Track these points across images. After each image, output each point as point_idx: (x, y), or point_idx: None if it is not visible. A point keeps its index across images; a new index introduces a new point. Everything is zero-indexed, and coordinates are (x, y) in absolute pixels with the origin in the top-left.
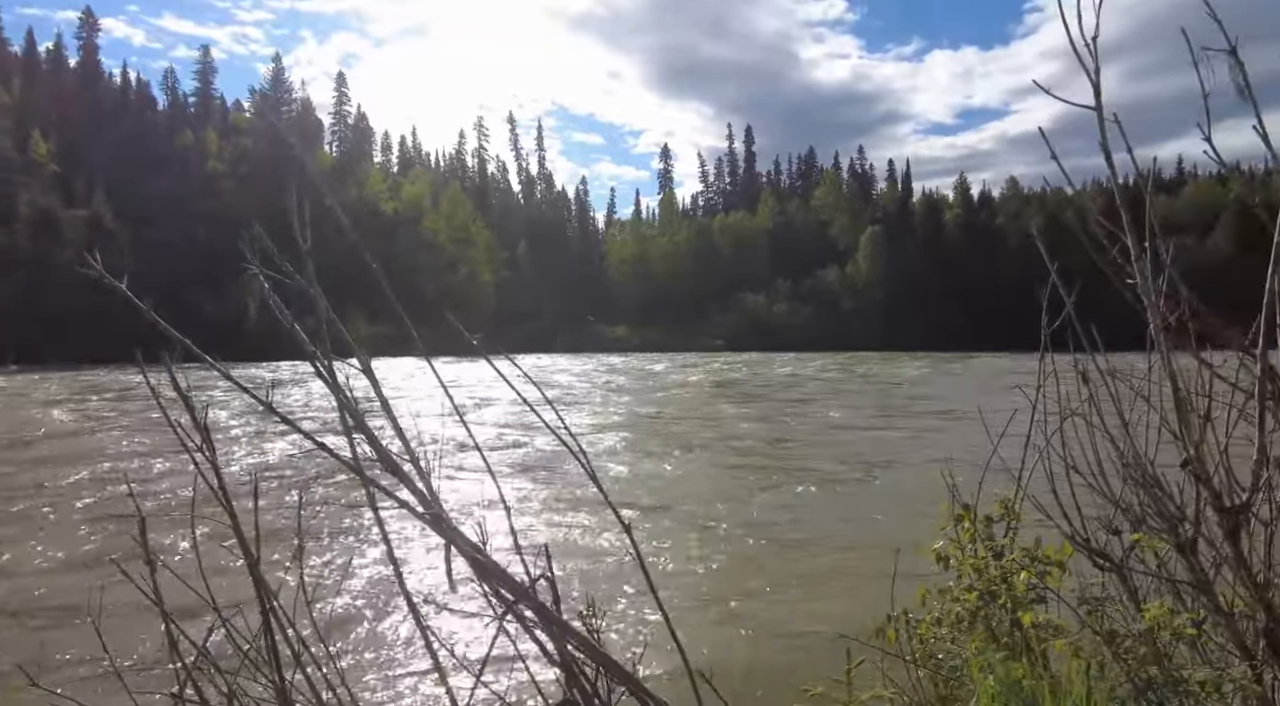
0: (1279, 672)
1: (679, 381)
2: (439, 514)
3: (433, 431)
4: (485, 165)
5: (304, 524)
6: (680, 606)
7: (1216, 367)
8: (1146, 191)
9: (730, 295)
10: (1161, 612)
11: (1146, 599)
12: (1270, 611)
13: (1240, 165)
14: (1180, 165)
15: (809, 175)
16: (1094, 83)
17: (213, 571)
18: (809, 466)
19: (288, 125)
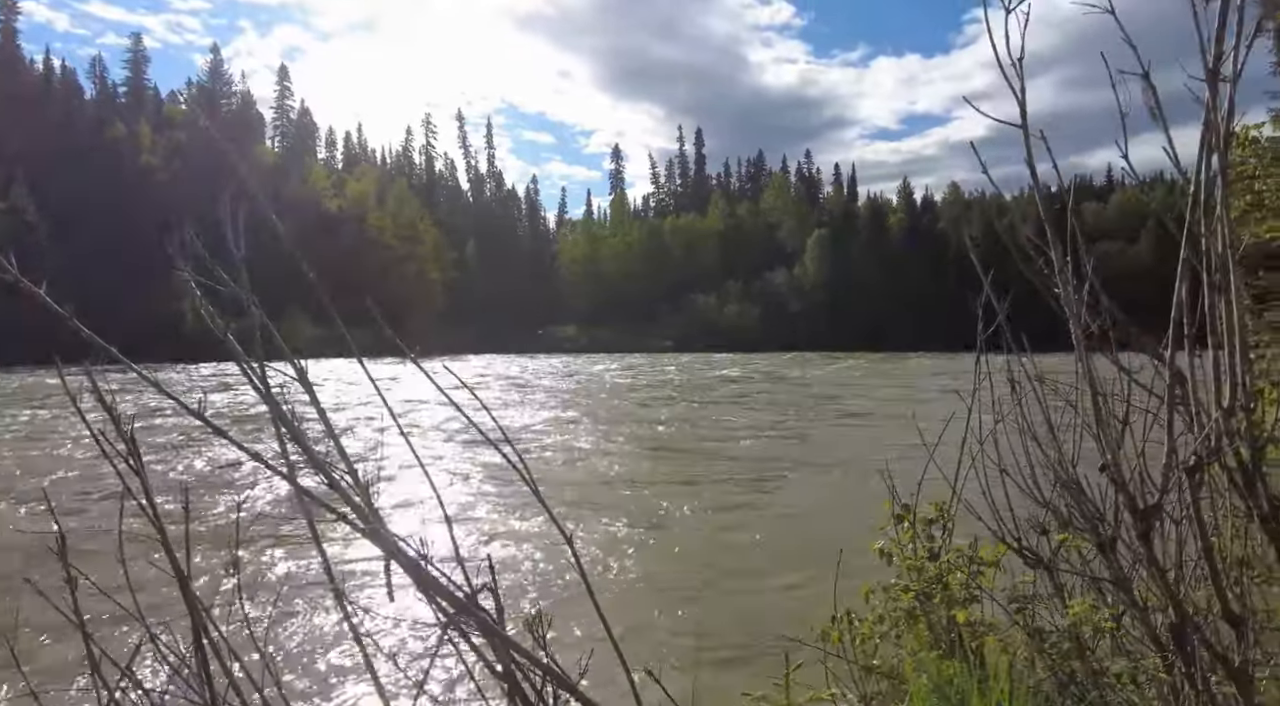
0: (1184, 664)
1: (613, 383)
2: (376, 527)
3: (377, 437)
4: (433, 162)
5: (241, 535)
6: (628, 608)
7: (1135, 373)
8: (1068, 204)
9: (681, 296)
10: (1084, 608)
11: (1073, 596)
12: (1178, 607)
13: (1164, 174)
14: (1109, 173)
15: (758, 178)
16: (1020, 101)
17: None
18: (747, 466)
19: (226, 120)
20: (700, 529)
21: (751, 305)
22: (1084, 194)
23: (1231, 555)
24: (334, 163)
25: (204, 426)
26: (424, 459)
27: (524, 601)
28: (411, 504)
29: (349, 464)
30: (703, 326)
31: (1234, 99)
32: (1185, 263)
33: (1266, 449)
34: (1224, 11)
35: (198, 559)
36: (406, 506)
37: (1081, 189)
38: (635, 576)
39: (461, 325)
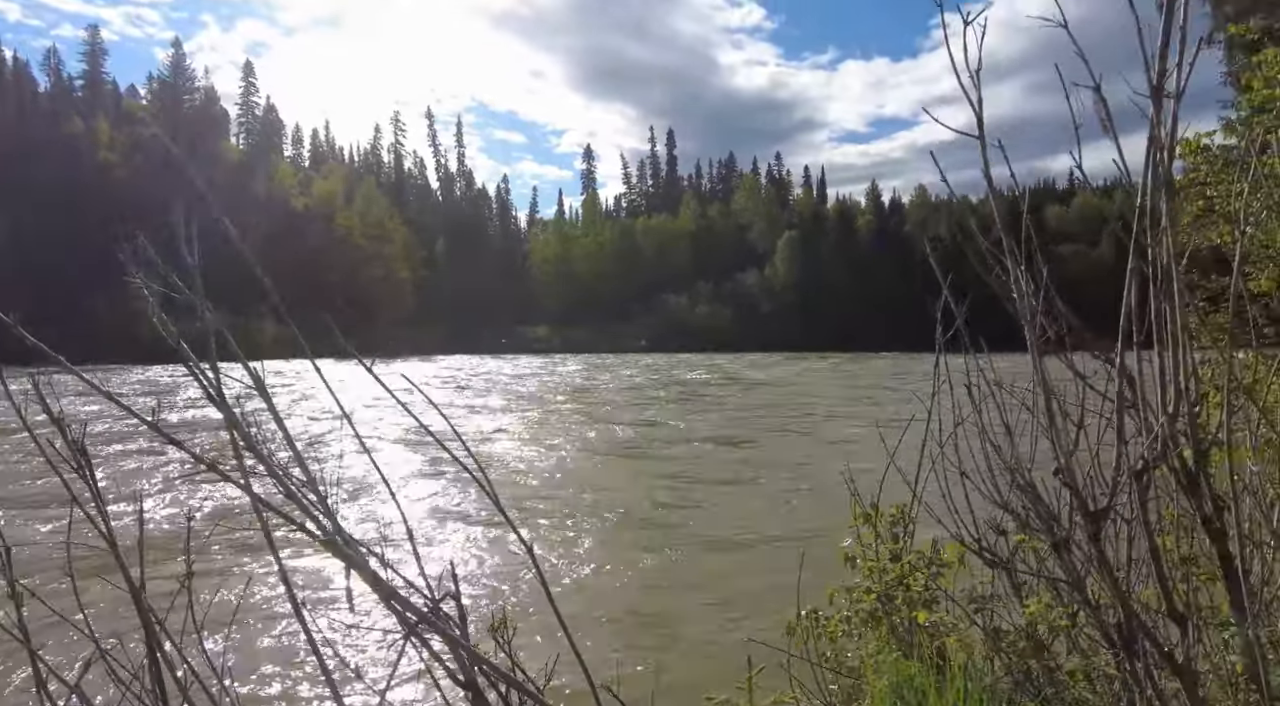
0: (1133, 661)
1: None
2: (334, 538)
3: (345, 441)
4: (402, 161)
5: (197, 545)
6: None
7: (1090, 377)
8: (1023, 213)
9: (653, 296)
10: (1039, 608)
11: (1031, 596)
12: (1126, 606)
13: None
14: (1071, 177)
15: (729, 179)
16: (977, 113)
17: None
18: (710, 468)
19: (188, 116)
20: (664, 532)
21: (723, 306)
22: (1047, 197)
23: (1178, 554)
24: (301, 161)
25: (176, 426)
26: (390, 463)
27: (491, 606)
28: (374, 510)
29: (307, 472)
30: (675, 327)
31: (1177, 115)
32: (1133, 271)
33: (1210, 451)
34: (1167, 31)
35: (152, 571)
36: (370, 512)
37: (1045, 192)
38: (600, 579)
39: (431, 325)
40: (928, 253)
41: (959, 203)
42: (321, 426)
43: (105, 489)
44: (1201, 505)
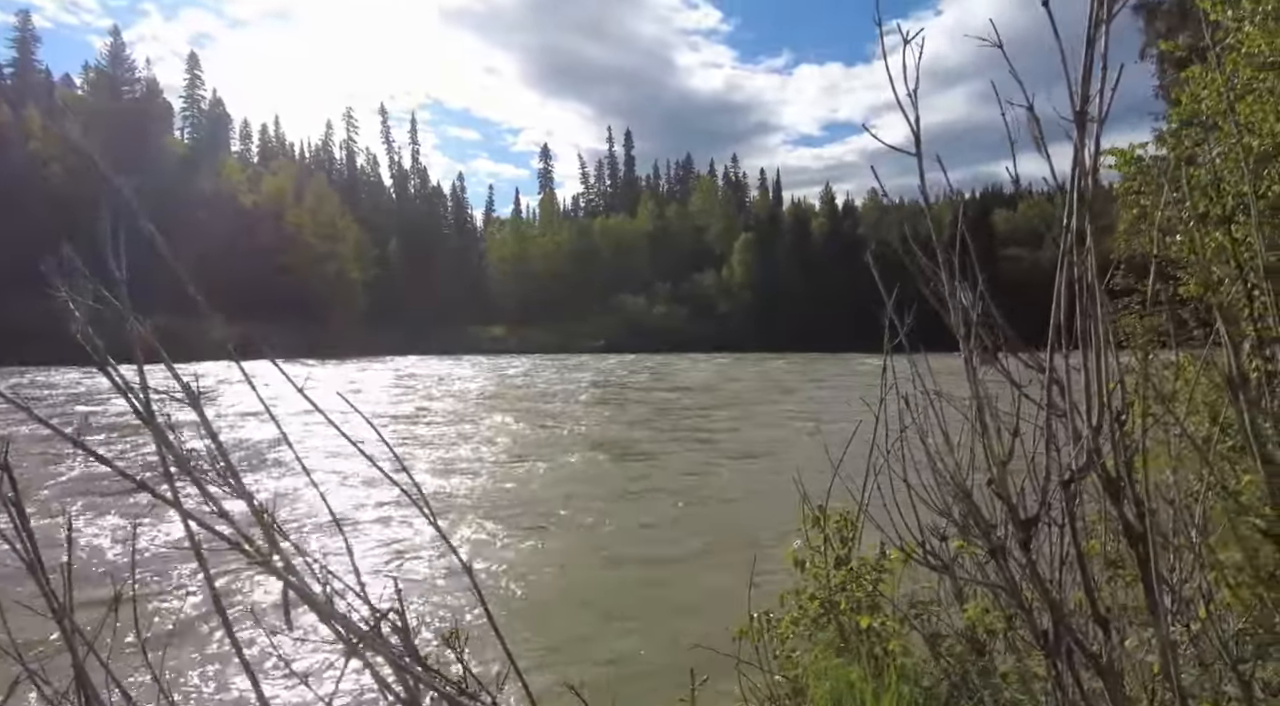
0: (1059, 663)
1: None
2: (269, 558)
3: (284, 451)
4: (354, 158)
5: (131, 560)
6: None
7: (1025, 387)
8: (959, 226)
9: (611, 297)
10: (976, 612)
11: (970, 600)
12: (1054, 610)
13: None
14: (1016, 182)
15: (686, 180)
16: (914, 132)
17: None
18: (666, 470)
19: (128, 108)
20: (612, 540)
21: (680, 306)
22: (994, 201)
23: (1104, 557)
24: (250, 156)
25: (103, 433)
26: (339, 471)
27: (440, 618)
28: (319, 522)
29: (241, 487)
30: (633, 327)
31: (1099, 139)
32: (1060, 286)
33: (1134, 460)
34: (1089, 59)
35: (85, 593)
36: (315, 525)
37: (992, 197)
38: (545, 588)
39: (384, 325)
40: (869, 262)
41: (910, 206)
42: (269, 432)
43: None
44: (1122, 515)
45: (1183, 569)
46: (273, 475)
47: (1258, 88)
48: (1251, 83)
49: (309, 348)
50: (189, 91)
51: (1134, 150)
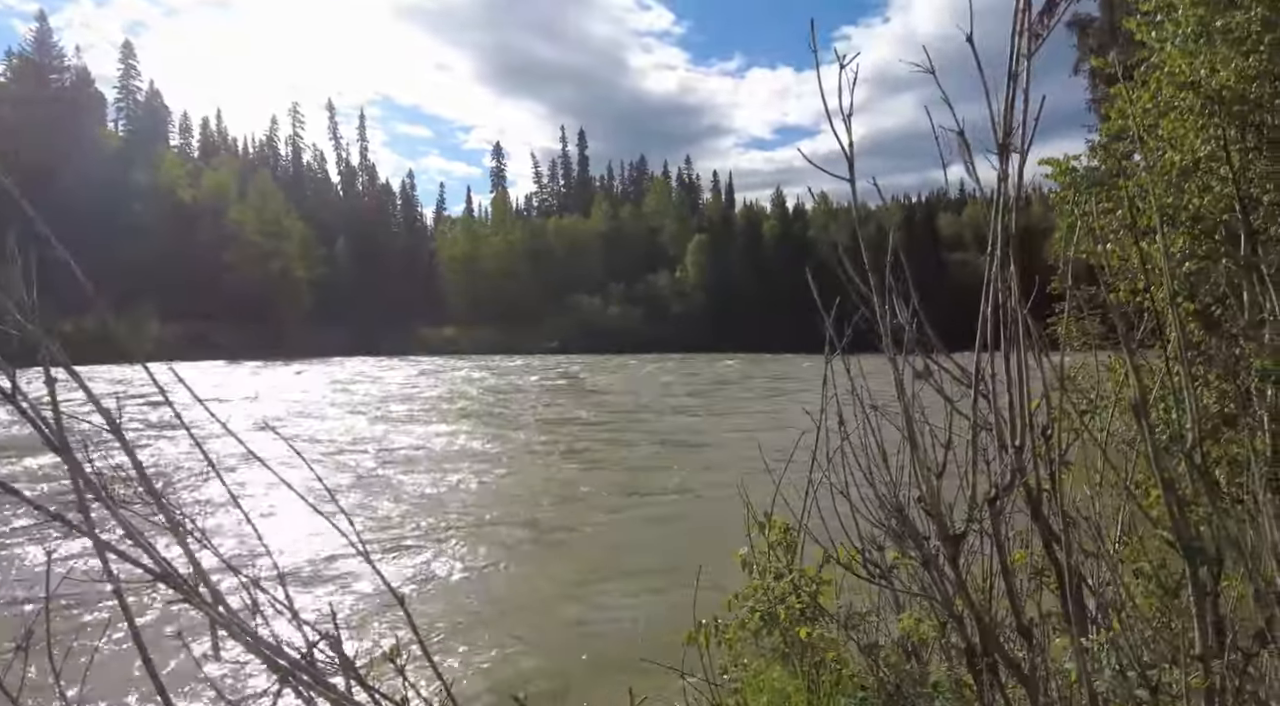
0: (983, 672)
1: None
2: (192, 592)
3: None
4: (300, 154)
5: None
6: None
7: (957, 402)
8: (891, 242)
9: (565, 297)
10: (910, 622)
11: (904, 609)
12: (979, 621)
13: None
14: (962, 187)
15: (640, 181)
16: (849, 157)
17: None
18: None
19: (56, 98)
20: (550, 549)
21: (634, 307)
22: (941, 205)
23: (1031, 566)
24: (190, 151)
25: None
26: (272, 486)
27: (378, 636)
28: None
29: (168, 512)
30: (587, 328)
31: (1022, 170)
32: (987, 314)
33: (1060, 475)
34: (1012, 92)
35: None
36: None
37: (939, 201)
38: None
39: (331, 326)
40: (809, 281)
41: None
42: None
43: None
44: (1042, 531)
45: (1100, 578)
46: (206, 494)
47: (1179, 106)
48: (1173, 101)
49: (253, 348)
50: (123, 82)
51: (1068, 161)
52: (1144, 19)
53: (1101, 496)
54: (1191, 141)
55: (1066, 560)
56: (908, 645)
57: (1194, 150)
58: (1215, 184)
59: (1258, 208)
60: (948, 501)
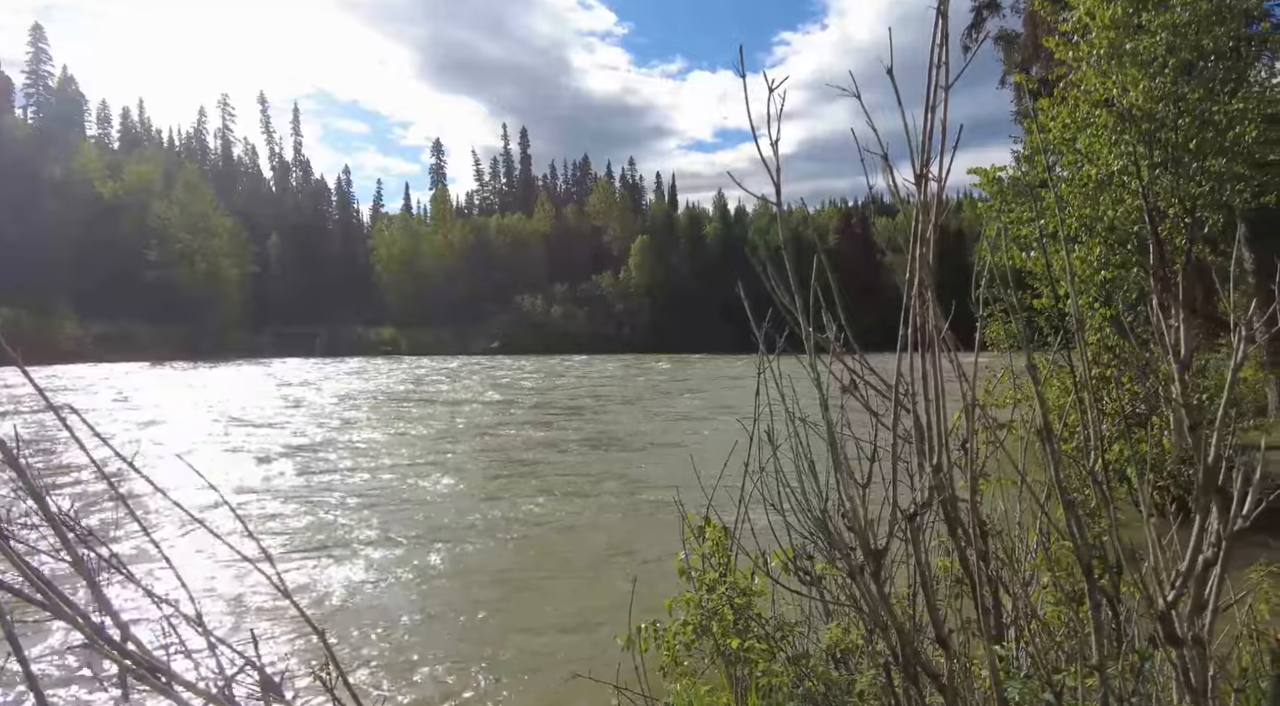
0: (896, 680)
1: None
2: (93, 634)
3: (134, 482)
4: (231, 147)
5: None
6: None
7: (881, 415)
8: (819, 256)
9: (507, 297)
10: (837, 632)
11: (833, 618)
12: (900, 631)
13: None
14: (897, 191)
15: (584, 181)
16: (775, 182)
17: None
18: (541, 482)
19: None
20: (483, 563)
21: (577, 307)
22: (877, 210)
23: (953, 575)
24: (109, 141)
25: None
26: (196, 507)
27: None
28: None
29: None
30: (529, 328)
31: (941, 197)
32: (903, 335)
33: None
34: (929, 127)
35: None
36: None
37: (875, 205)
38: (417, 618)
39: (264, 325)
40: (740, 294)
41: (796, 211)
42: (136, 455)
43: None
44: (957, 544)
45: (1015, 587)
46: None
47: (1094, 122)
48: (1089, 117)
49: (179, 349)
50: (33, 66)
51: (994, 171)
52: (1062, 39)
53: (1023, 505)
54: (1106, 156)
55: (978, 572)
56: (836, 653)
57: (1108, 164)
58: (1127, 197)
59: (1164, 219)
60: (876, 512)
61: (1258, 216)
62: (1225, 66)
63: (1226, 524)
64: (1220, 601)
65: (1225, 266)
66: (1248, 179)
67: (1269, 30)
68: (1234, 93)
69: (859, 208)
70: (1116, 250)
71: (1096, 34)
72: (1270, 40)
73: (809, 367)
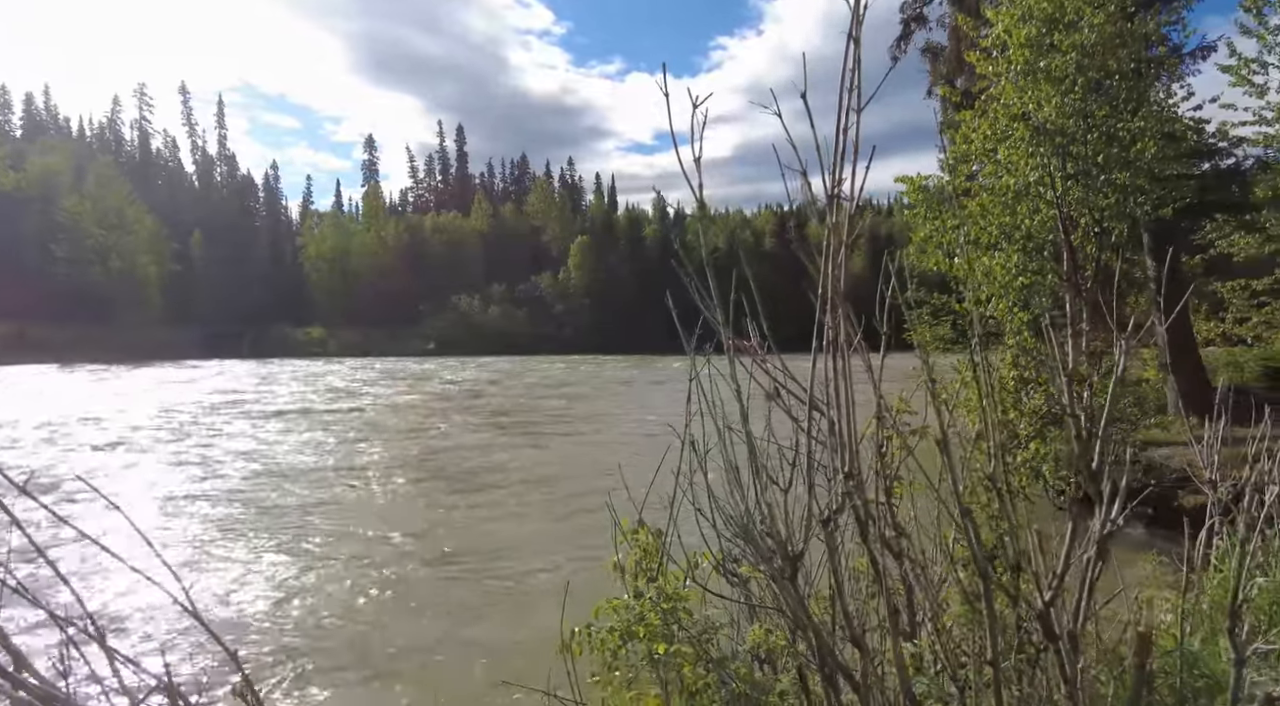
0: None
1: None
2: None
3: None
4: (149, 140)
5: None
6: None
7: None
8: (743, 262)
9: (443, 297)
10: (760, 633)
11: (757, 620)
12: (816, 634)
13: (872, 200)
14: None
15: (522, 180)
16: (698, 197)
17: None
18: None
19: None
20: (404, 573)
21: (516, 308)
22: (811, 213)
23: (869, 578)
24: (10, 130)
25: None
26: (97, 517)
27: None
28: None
29: None
30: (466, 329)
31: (854, 216)
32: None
33: (891, 491)
34: (842, 144)
35: None
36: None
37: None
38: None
39: (184, 326)
40: (670, 306)
41: (734, 214)
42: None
43: None
44: (869, 548)
45: (928, 587)
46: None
47: (1012, 135)
48: (1008, 130)
49: (90, 350)
50: None
51: (920, 179)
52: (983, 54)
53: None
54: (1023, 167)
55: (886, 573)
56: (761, 654)
57: (1025, 175)
58: (1043, 206)
59: (1077, 228)
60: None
61: (1159, 227)
62: (1128, 86)
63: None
64: (1104, 597)
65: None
66: (1148, 192)
67: (1165, 55)
68: (1135, 111)
69: (794, 211)
70: (1034, 257)
71: (1014, 51)
72: (1167, 64)
73: (729, 379)
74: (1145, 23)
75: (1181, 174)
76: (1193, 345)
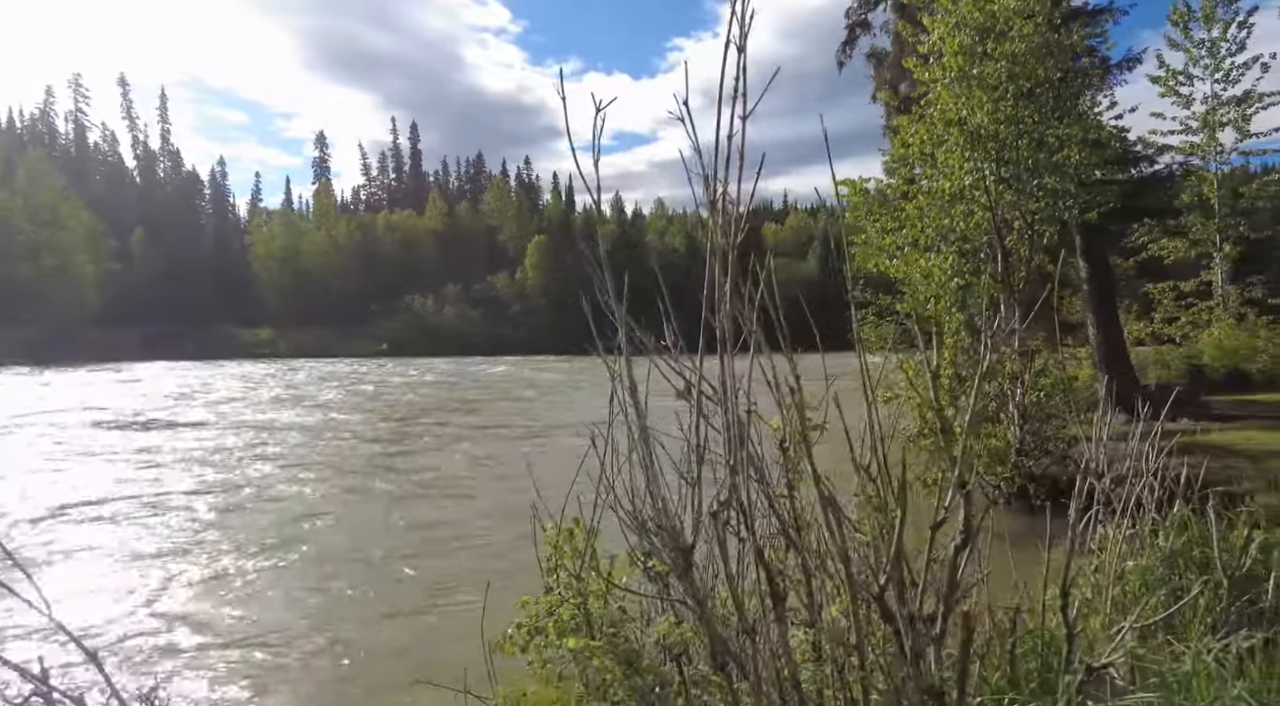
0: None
1: None
2: None
3: None
4: (85, 133)
5: None
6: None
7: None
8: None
9: (397, 297)
10: (668, 626)
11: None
12: (709, 626)
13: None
14: (785, 197)
15: (478, 179)
16: (595, 199)
17: None
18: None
19: None
20: (321, 579)
21: (471, 308)
22: (765, 215)
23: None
24: None
25: None
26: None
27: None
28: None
29: None
30: (421, 329)
31: (737, 223)
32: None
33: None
34: (726, 158)
35: None
36: None
37: (764, 212)
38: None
39: (124, 327)
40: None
41: (691, 214)
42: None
43: None
44: (753, 544)
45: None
46: None
47: (948, 140)
48: (944, 135)
49: (18, 352)
50: None
51: (862, 183)
52: (920, 60)
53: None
54: (958, 171)
55: (765, 568)
56: (667, 646)
57: (960, 179)
58: (977, 210)
59: (1010, 231)
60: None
61: (1091, 230)
62: (1054, 95)
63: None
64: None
65: (1065, 275)
66: (1075, 196)
67: (1091, 65)
68: (1062, 118)
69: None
70: (969, 259)
71: (948, 58)
72: (1091, 74)
73: (622, 376)
74: (1070, 34)
75: (1106, 179)
76: (1123, 344)
